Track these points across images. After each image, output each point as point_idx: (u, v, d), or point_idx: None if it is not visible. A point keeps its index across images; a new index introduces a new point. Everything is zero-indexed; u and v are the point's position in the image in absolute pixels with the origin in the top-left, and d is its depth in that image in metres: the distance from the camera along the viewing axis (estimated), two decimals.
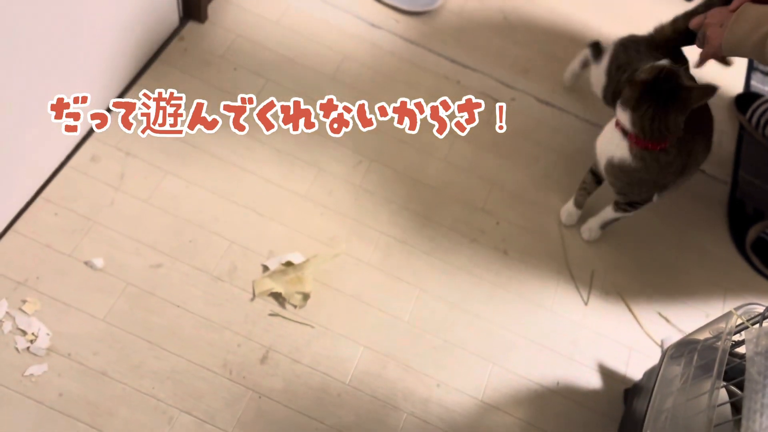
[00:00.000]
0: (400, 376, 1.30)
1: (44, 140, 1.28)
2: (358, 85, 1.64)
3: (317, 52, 1.67)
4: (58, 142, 1.35)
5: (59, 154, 1.36)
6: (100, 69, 1.37)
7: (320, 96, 1.57)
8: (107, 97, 1.44)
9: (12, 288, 1.23)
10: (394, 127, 1.57)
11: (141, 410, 1.17)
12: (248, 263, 1.36)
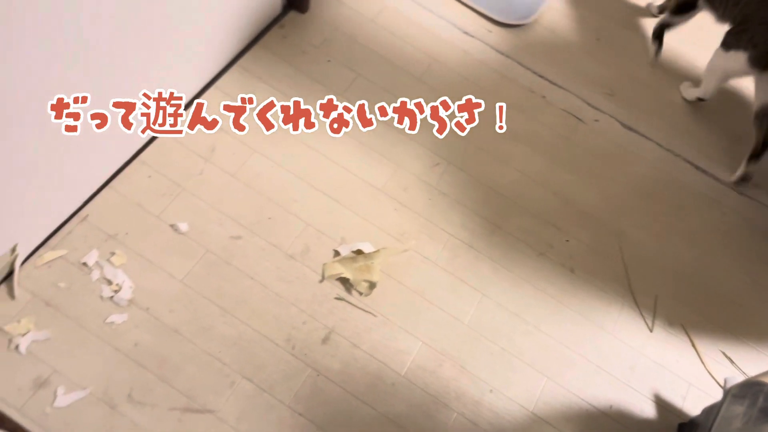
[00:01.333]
0: (454, 376, 1.32)
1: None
2: (444, 89, 1.67)
3: (408, 52, 1.71)
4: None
5: None
6: (205, 46, 1.44)
7: (407, 94, 1.61)
8: (212, 70, 1.52)
9: (103, 240, 1.31)
10: (475, 134, 1.59)
11: (206, 371, 1.23)
12: (321, 246, 1.40)
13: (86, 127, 1.18)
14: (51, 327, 1.21)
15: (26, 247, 1.23)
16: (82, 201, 1.33)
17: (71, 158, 1.21)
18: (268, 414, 1.22)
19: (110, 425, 1.15)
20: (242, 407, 1.21)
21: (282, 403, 1.23)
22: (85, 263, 1.28)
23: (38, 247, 1.27)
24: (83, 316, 1.23)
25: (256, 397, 1.23)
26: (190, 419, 1.18)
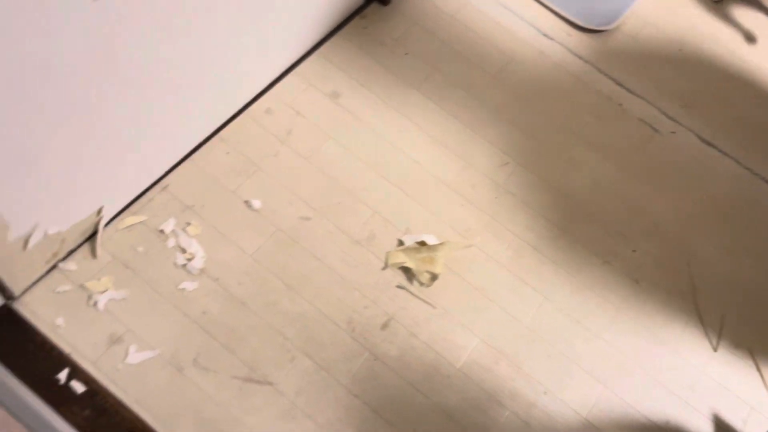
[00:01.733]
0: (509, 375, 1.32)
1: (231, 86, 1.42)
2: (518, 89, 1.67)
3: (485, 50, 1.72)
4: (242, 90, 1.48)
5: (240, 101, 1.49)
6: (288, 31, 1.48)
7: (481, 92, 1.62)
8: (293, 56, 1.56)
9: (181, 210, 1.37)
10: (546, 136, 1.59)
11: (269, 344, 1.27)
12: (386, 234, 1.43)
13: (175, 101, 1.24)
14: (128, 288, 1.26)
15: (110, 211, 1.29)
16: (164, 171, 1.39)
17: (158, 130, 1.26)
18: (325, 392, 1.24)
19: (176, 386, 1.20)
20: (301, 382, 1.25)
21: (339, 382, 1.26)
22: (162, 230, 1.33)
23: (121, 211, 1.33)
24: (157, 281, 1.28)
25: (315, 374, 1.26)
26: (250, 389, 1.22)
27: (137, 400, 1.18)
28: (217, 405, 1.20)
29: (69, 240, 1.24)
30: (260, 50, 1.42)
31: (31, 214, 1.08)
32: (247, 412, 1.20)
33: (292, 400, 1.23)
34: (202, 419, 1.18)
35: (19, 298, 1.21)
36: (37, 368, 1.17)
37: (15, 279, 1.16)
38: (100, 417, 1.15)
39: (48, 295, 1.23)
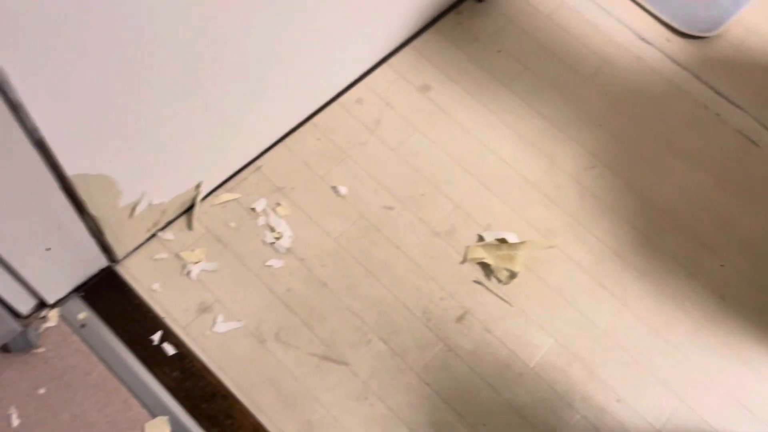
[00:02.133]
0: (582, 379, 1.32)
1: (326, 75, 1.46)
2: (611, 92, 1.64)
3: (579, 52, 1.70)
4: (336, 79, 1.52)
5: (334, 89, 1.54)
6: (384, 24, 1.52)
7: (572, 93, 1.61)
8: (387, 48, 1.59)
9: (271, 190, 1.43)
10: (637, 141, 1.56)
11: (347, 325, 1.31)
12: (466, 229, 1.44)
13: (276, 87, 1.29)
14: (219, 260, 1.33)
15: (207, 186, 1.37)
16: (258, 152, 1.45)
17: (258, 113, 1.32)
18: (397, 377, 1.28)
19: (257, 357, 1.26)
20: (375, 365, 1.28)
21: (412, 369, 1.29)
22: (253, 209, 1.39)
23: (217, 187, 1.40)
24: (246, 256, 1.35)
25: (389, 359, 1.29)
26: (326, 367, 1.27)
27: (221, 366, 1.25)
28: (295, 379, 1.25)
29: (169, 211, 1.32)
30: (357, 41, 1.46)
31: (141, 185, 1.16)
32: (322, 389, 1.25)
33: (365, 381, 1.27)
34: (279, 391, 1.24)
35: (121, 261, 1.30)
36: (134, 328, 1.25)
37: (119, 244, 1.25)
38: (187, 379, 1.22)
39: (146, 262, 1.31)
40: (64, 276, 1.20)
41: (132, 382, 1.20)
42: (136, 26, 0.87)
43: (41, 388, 1.18)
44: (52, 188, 0.97)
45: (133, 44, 0.89)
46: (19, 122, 0.82)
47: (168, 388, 1.21)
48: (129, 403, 1.19)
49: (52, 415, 1.16)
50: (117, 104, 0.95)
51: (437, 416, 1.25)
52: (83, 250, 1.18)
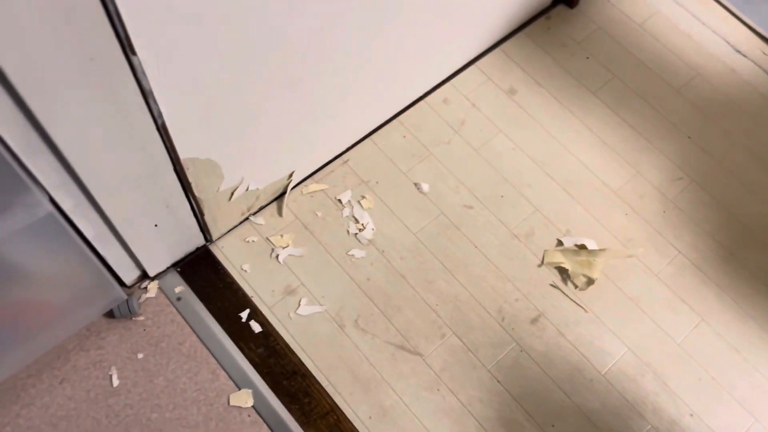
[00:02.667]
0: (654, 390, 1.31)
1: (416, 74, 1.50)
2: (702, 105, 1.62)
3: (671, 62, 1.68)
4: (425, 78, 1.56)
5: (422, 89, 1.58)
6: (476, 26, 1.55)
7: (661, 103, 1.59)
8: (476, 50, 1.62)
9: (357, 183, 1.48)
10: (727, 156, 1.53)
11: (422, 318, 1.36)
12: (545, 233, 1.46)
13: (370, 84, 1.35)
14: (305, 246, 1.40)
15: (298, 176, 1.44)
16: (346, 147, 1.51)
17: (350, 109, 1.38)
18: (469, 372, 1.31)
19: (336, 341, 1.32)
20: (447, 359, 1.32)
21: (484, 366, 1.32)
22: (339, 200, 1.46)
23: (306, 177, 1.47)
24: (331, 244, 1.41)
25: (462, 354, 1.33)
26: (401, 356, 1.32)
27: (303, 347, 1.31)
28: (371, 365, 1.31)
29: (262, 197, 1.39)
30: (448, 42, 1.50)
31: (241, 171, 1.24)
32: (396, 377, 1.30)
33: (437, 373, 1.31)
34: (355, 375, 1.30)
35: (215, 241, 1.39)
36: (224, 305, 1.34)
37: (216, 225, 1.34)
38: (271, 356, 1.30)
39: (239, 243, 1.40)
40: (166, 251, 1.29)
41: (220, 355, 1.29)
42: (255, 26, 0.94)
43: (140, 353, 1.28)
44: (167, 170, 1.05)
45: (250, 43, 0.96)
46: (148, 108, 0.90)
47: (253, 363, 1.29)
48: (217, 374, 1.27)
49: (148, 379, 1.26)
50: (229, 96, 1.03)
51: (506, 413, 1.28)
52: (184, 229, 1.27)
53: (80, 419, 1.22)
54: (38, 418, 1.21)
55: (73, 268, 1.07)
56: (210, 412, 1.24)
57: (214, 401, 1.25)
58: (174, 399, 1.25)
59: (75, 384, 1.25)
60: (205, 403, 1.25)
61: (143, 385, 1.26)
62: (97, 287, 1.17)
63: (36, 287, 1.05)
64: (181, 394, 1.25)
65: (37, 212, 0.88)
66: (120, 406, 1.24)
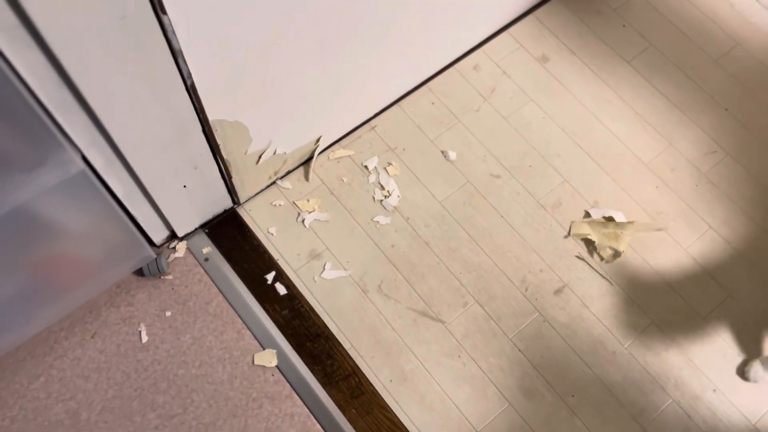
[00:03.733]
0: (678, 365, 1.31)
1: (446, 39, 1.48)
2: (741, 76, 1.57)
3: (711, 31, 1.62)
4: (455, 44, 1.54)
5: (451, 55, 1.56)
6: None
7: (699, 74, 1.55)
8: (508, 17, 1.59)
9: (384, 150, 1.48)
10: (763, 129, 1.49)
11: (445, 286, 1.36)
12: (573, 204, 1.44)
13: (400, 50, 1.33)
14: (331, 212, 1.41)
15: (325, 141, 1.44)
16: (374, 113, 1.50)
17: (379, 74, 1.37)
18: (491, 340, 1.32)
19: (360, 305, 1.34)
20: (469, 327, 1.33)
21: (506, 334, 1.32)
22: (366, 166, 1.46)
23: (333, 143, 1.47)
24: (356, 210, 1.42)
25: (484, 322, 1.33)
26: (423, 322, 1.33)
27: (326, 310, 1.33)
28: (393, 330, 1.32)
29: (289, 162, 1.40)
30: (480, 8, 1.47)
31: (269, 134, 1.24)
32: (418, 343, 1.31)
33: (459, 341, 1.32)
34: (377, 339, 1.31)
35: (243, 204, 1.41)
36: (251, 267, 1.36)
37: (243, 188, 1.35)
38: (295, 318, 1.32)
39: (265, 207, 1.41)
40: (194, 212, 1.31)
41: (246, 315, 1.31)
42: None
43: (168, 311, 1.31)
44: (196, 131, 1.06)
45: (280, 5, 0.95)
46: (178, 68, 0.91)
47: (277, 324, 1.31)
48: (242, 334, 1.30)
49: (175, 336, 1.30)
50: (258, 58, 1.03)
51: (527, 382, 1.29)
52: (212, 191, 1.28)
53: (110, 372, 1.26)
54: (70, 369, 1.26)
55: (104, 225, 1.09)
56: (234, 370, 1.27)
57: (238, 360, 1.28)
58: (200, 356, 1.28)
59: (105, 338, 1.28)
60: (230, 362, 1.28)
61: (171, 342, 1.29)
62: (127, 245, 1.20)
63: (69, 244, 1.08)
64: (207, 352, 1.28)
65: (70, 170, 0.89)
66: (148, 361, 1.27)
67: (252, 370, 1.27)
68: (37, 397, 1.23)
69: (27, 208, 0.91)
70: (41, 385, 1.24)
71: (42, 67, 0.77)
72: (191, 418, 1.23)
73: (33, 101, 0.76)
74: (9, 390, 1.23)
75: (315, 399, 1.25)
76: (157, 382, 1.26)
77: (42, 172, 0.88)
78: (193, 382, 1.26)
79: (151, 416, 1.23)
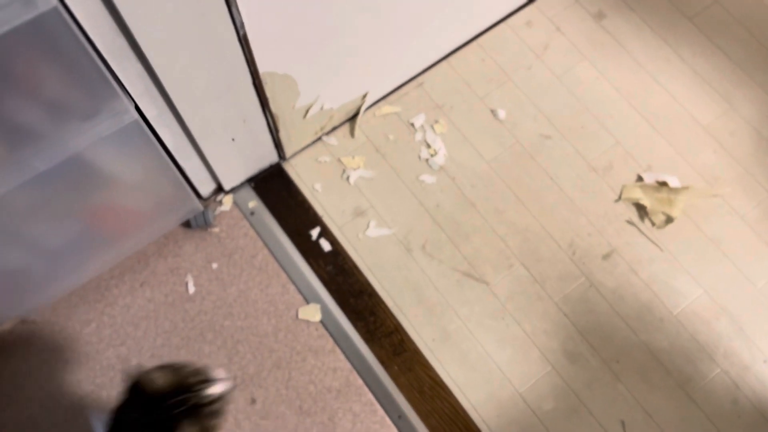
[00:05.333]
0: (728, 334, 1.27)
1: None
2: None
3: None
4: (506, 0, 1.49)
5: (502, 10, 1.51)
6: None
7: (765, 33, 1.47)
8: None
9: (431, 107, 1.45)
10: None
11: (490, 247, 1.35)
12: (625, 167, 1.40)
13: (447, 3, 1.29)
14: (376, 169, 1.40)
15: (372, 97, 1.42)
16: (422, 69, 1.47)
17: (426, 29, 1.33)
18: (535, 303, 1.30)
19: (403, 264, 1.33)
20: (514, 289, 1.31)
21: (551, 298, 1.31)
22: (412, 124, 1.43)
23: (380, 99, 1.45)
24: (402, 168, 1.40)
25: (529, 285, 1.32)
26: (467, 283, 1.32)
27: (370, 267, 1.33)
28: (436, 289, 1.31)
29: (335, 118, 1.38)
30: None
31: (317, 89, 1.22)
32: (461, 303, 1.31)
33: (503, 302, 1.31)
34: (421, 298, 1.31)
35: (288, 159, 1.40)
36: (296, 222, 1.36)
37: (290, 143, 1.34)
38: (339, 275, 1.32)
39: (311, 163, 1.40)
40: (241, 166, 1.31)
41: (291, 270, 1.32)
42: None
43: (214, 263, 1.33)
44: (246, 83, 1.05)
45: None
46: (231, 18, 0.89)
47: (322, 279, 1.32)
48: (287, 288, 1.31)
49: (221, 288, 1.31)
50: (310, 11, 1.01)
51: (571, 346, 1.27)
52: (259, 145, 1.28)
53: (158, 320, 1.29)
54: (120, 316, 1.29)
55: (154, 176, 1.10)
56: (279, 323, 1.29)
57: (283, 313, 1.29)
58: (246, 308, 1.30)
59: (154, 288, 1.31)
60: (274, 315, 1.29)
61: (217, 294, 1.31)
62: (175, 197, 1.21)
63: (121, 193, 1.09)
64: (253, 305, 1.30)
65: (124, 119, 0.90)
66: (195, 311, 1.30)
67: (296, 324, 1.29)
68: (89, 341, 1.27)
69: (82, 156, 0.92)
70: (93, 330, 1.28)
71: (99, 13, 0.77)
72: (236, 368, 1.26)
73: (90, 48, 0.76)
74: (62, 335, 1.27)
75: (358, 354, 1.27)
76: (203, 332, 1.28)
77: (97, 121, 0.88)
78: (238, 333, 1.28)
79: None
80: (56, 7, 0.67)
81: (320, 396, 1.24)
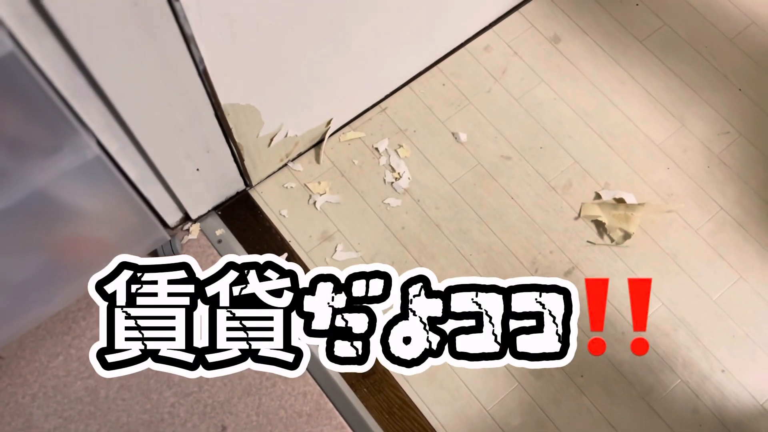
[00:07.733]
0: (687, 345, 1.31)
1: (457, 20, 1.47)
2: (756, 55, 1.55)
3: (726, 9, 1.60)
4: (466, 25, 1.53)
5: (462, 36, 1.55)
6: None
7: (713, 53, 1.53)
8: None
9: (394, 131, 1.48)
10: None
11: (456, 266, 1.37)
12: (583, 185, 1.44)
13: (410, 31, 1.33)
14: (341, 194, 1.42)
15: (336, 123, 1.44)
16: (384, 94, 1.50)
17: (389, 56, 1.37)
18: None
19: None
20: None
21: None
22: (376, 148, 1.46)
23: (344, 125, 1.48)
24: (367, 192, 1.43)
25: None
26: None
27: None
28: None
29: (300, 144, 1.41)
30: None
31: (280, 117, 1.25)
32: None
33: None
34: None
35: (255, 186, 1.42)
36: (263, 248, 1.38)
37: (255, 170, 1.36)
38: None
39: (277, 189, 1.43)
40: (207, 195, 1.33)
41: None
42: None
43: None
44: (207, 115, 1.07)
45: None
46: (190, 53, 0.92)
47: None
48: None
49: None
50: (269, 42, 1.03)
51: None
52: (225, 174, 1.29)
53: None
54: (88, 348, 1.29)
55: (119, 208, 1.11)
56: None
57: None
58: None
59: None
60: None
61: None
62: (141, 227, 1.22)
63: (86, 226, 1.10)
64: None
65: (86, 154, 0.91)
66: None
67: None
68: (56, 375, 1.27)
69: (45, 191, 0.93)
70: (60, 363, 1.28)
71: (57, 54, 0.78)
72: (206, 396, 1.26)
73: (48, 88, 0.78)
74: (29, 368, 1.27)
75: (327, 378, 1.28)
76: None
77: (59, 157, 0.89)
78: None
79: (168, 394, 1.26)
80: (12, 52, 0.69)
81: (291, 421, 1.25)
